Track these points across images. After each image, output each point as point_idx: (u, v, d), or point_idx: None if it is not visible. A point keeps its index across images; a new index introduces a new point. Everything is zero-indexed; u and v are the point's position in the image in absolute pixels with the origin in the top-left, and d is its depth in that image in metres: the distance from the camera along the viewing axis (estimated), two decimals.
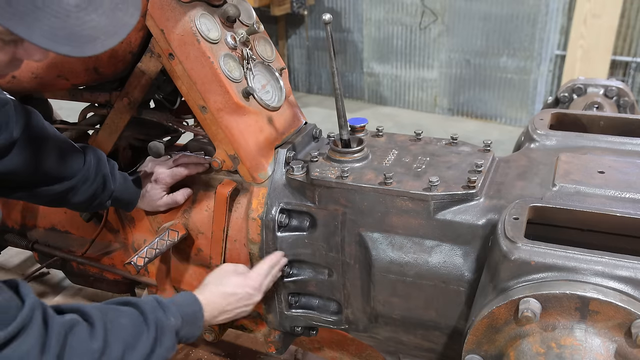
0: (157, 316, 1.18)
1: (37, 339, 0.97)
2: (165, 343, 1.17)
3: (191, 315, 1.28)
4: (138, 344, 1.12)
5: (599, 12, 5.12)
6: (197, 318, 1.30)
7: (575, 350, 1.09)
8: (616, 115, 1.85)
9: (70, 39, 0.87)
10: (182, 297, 1.32)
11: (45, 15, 0.83)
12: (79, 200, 1.54)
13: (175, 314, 1.23)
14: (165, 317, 1.19)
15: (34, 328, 0.97)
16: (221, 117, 1.53)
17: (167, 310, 1.21)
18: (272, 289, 1.64)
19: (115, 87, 1.71)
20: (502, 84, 5.93)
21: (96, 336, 1.06)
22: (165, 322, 1.18)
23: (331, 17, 1.37)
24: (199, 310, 1.31)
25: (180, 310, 1.25)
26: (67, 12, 0.85)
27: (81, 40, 0.88)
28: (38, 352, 0.97)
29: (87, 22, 0.88)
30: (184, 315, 1.25)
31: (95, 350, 1.05)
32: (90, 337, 1.05)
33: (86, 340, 1.05)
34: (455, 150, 1.59)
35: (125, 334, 1.11)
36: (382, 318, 1.56)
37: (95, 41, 0.90)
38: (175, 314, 1.23)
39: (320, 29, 6.66)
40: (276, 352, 1.82)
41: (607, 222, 1.27)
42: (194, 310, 1.30)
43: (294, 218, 1.57)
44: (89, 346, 1.05)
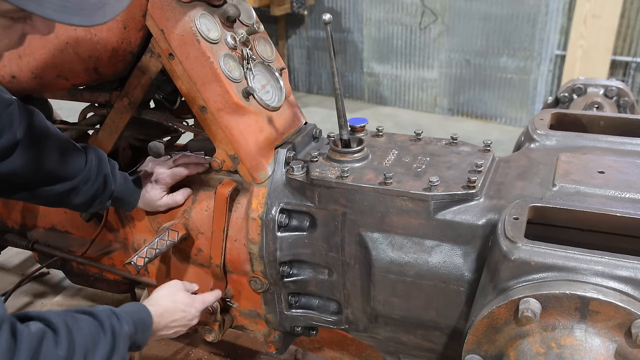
0: (112, 323, 1.21)
1: (4, 351, 0.97)
2: (120, 349, 1.21)
3: (142, 324, 1.31)
4: (97, 351, 1.15)
5: (599, 12, 5.11)
6: (147, 327, 1.34)
7: (575, 350, 1.09)
8: (616, 115, 1.85)
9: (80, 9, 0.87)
10: (133, 306, 1.35)
11: None
12: (80, 201, 1.54)
13: (128, 321, 1.26)
14: (119, 324, 1.22)
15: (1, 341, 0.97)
16: (221, 117, 1.53)
17: (121, 318, 1.24)
18: (272, 289, 1.64)
19: (115, 87, 1.71)
20: (502, 84, 5.93)
21: (61, 344, 1.08)
22: (120, 330, 1.22)
23: (331, 17, 1.37)
24: (149, 320, 1.35)
25: (132, 318, 1.28)
26: None
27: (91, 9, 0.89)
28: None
29: None
30: (136, 322, 1.29)
31: (61, 356, 1.07)
32: (56, 345, 1.07)
33: (52, 348, 1.06)
34: (455, 150, 1.59)
35: (86, 340, 1.14)
36: (382, 318, 1.56)
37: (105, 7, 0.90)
38: (129, 322, 1.26)
39: (320, 29, 6.66)
40: (276, 352, 1.82)
41: (607, 222, 1.27)
42: (144, 319, 1.34)
43: (294, 218, 1.57)
44: (55, 354, 1.07)
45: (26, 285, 2.71)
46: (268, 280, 1.62)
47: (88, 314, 1.20)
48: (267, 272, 1.60)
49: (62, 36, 1.48)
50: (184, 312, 1.47)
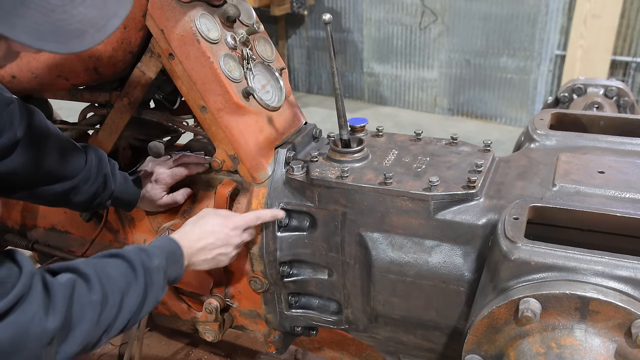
0: (142, 260, 1.21)
1: (39, 303, 0.99)
2: (155, 284, 1.22)
3: (170, 253, 1.30)
4: (131, 290, 1.17)
5: (599, 12, 5.12)
6: (177, 256, 1.32)
7: (575, 350, 1.09)
8: (616, 115, 1.85)
9: (56, 35, 0.83)
10: (159, 239, 1.34)
11: (29, 11, 0.80)
12: (80, 200, 1.54)
13: (158, 255, 1.25)
14: (149, 259, 1.23)
15: (34, 294, 0.99)
16: (221, 117, 1.53)
17: (150, 253, 1.24)
18: (272, 289, 1.64)
19: (115, 87, 1.71)
20: (502, 84, 5.93)
21: (94, 289, 1.10)
22: (151, 264, 1.22)
23: (331, 17, 1.37)
24: (177, 248, 1.32)
25: (160, 250, 1.28)
26: (52, 7, 0.82)
27: (68, 36, 0.84)
28: (44, 314, 0.99)
29: (74, 15, 0.84)
30: (165, 255, 1.28)
31: (96, 302, 1.10)
32: (89, 291, 1.09)
33: (87, 295, 1.09)
34: (455, 150, 1.59)
35: (118, 282, 1.15)
36: (382, 318, 1.56)
37: (84, 36, 0.86)
38: (158, 255, 1.25)
39: (320, 29, 6.67)
40: (276, 352, 1.82)
41: (607, 222, 1.27)
42: (172, 248, 1.32)
43: (294, 218, 1.57)
44: (91, 299, 1.09)
45: None
46: (268, 280, 1.62)
47: (116, 256, 1.21)
48: (267, 272, 1.60)
49: None
50: (214, 233, 1.40)
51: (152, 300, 1.22)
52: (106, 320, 1.12)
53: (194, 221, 1.43)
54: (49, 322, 1.00)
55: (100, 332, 1.12)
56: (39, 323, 0.98)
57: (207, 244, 1.40)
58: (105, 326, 1.13)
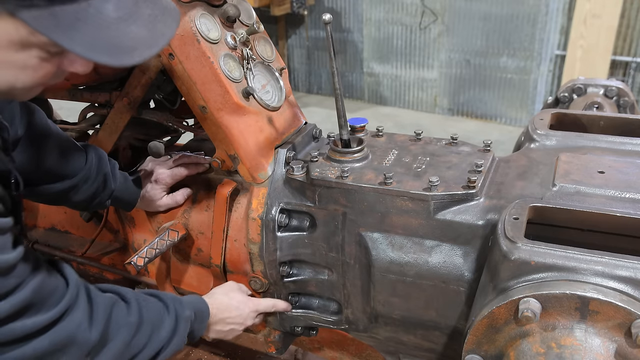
0: (175, 306, 1.30)
1: (84, 313, 1.09)
2: (181, 332, 1.30)
3: (200, 313, 1.39)
4: (162, 327, 1.25)
5: (599, 12, 5.12)
6: (205, 317, 1.41)
7: (575, 350, 1.09)
8: (616, 115, 1.85)
9: (110, 49, 0.88)
10: (193, 297, 1.43)
11: (87, 26, 0.85)
12: (80, 199, 1.54)
13: (190, 308, 1.35)
14: (182, 309, 1.31)
15: (80, 304, 1.09)
16: (221, 117, 1.53)
17: (183, 304, 1.33)
18: (272, 289, 1.64)
19: (115, 87, 1.71)
20: (502, 84, 5.93)
21: (132, 312, 1.20)
22: (182, 313, 1.31)
23: (331, 17, 1.37)
24: (206, 311, 1.42)
25: (193, 306, 1.37)
26: (108, 24, 0.87)
27: (121, 51, 0.90)
28: (87, 325, 1.09)
29: (127, 33, 0.89)
30: (196, 311, 1.37)
31: (132, 324, 1.19)
32: (128, 312, 1.19)
33: (125, 315, 1.18)
34: (455, 150, 1.59)
35: (153, 316, 1.24)
36: (382, 318, 1.56)
37: (134, 52, 0.91)
38: (190, 308, 1.34)
39: (320, 29, 6.67)
40: (276, 352, 1.82)
41: (607, 222, 1.27)
42: (202, 309, 1.41)
43: (294, 218, 1.57)
44: (128, 320, 1.18)
45: None
46: (268, 280, 1.62)
47: (154, 295, 1.31)
48: (267, 272, 1.60)
49: None
50: (238, 309, 1.51)
51: (174, 345, 1.29)
52: (136, 345, 1.19)
53: (224, 292, 1.53)
54: (93, 332, 1.10)
55: (129, 356, 1.19)
56: (84, 332, 1.09)
57: (229, 318, 1.50)
58: (134, 352, 1.20)
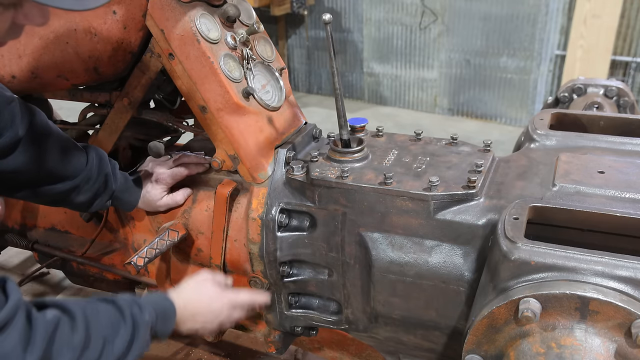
0: (132, 312, 1.20)
1: (20, 336, 0.97)
2: (140, 338, 1.20)
3: (164, 313, 1.30)
4: (116, 339, 1.15)
5: (599, 12, 5.11)
6: (169, 317, 1.31)
7: (575, 350, 1.09)
8: (616, 115, 1.85)
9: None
10: (157, 296, 1.34)
11: None
12: (81, 200, 1.54)
13: (150, 310, 1.24)
14: (140, 313, 1.21)
15: (16, 326, 0.97)
16: (221, 117, 1.53)
17: (142, 308, 1.23)
18: (272, 289, 1.64)
19: (115, 87, 1.71)
20: (502, 84, 5.92)
21: (78, 330, 1.07)
22: (140, 319, 1.21)
23: (331, 17, 1.37)
24: (171, 309, 1.32)
25: (154, 307, 1.27)
26: None
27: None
28: (21, 350, 0.97)
29: None
30: (158, 312, 1.27)
31: (77, 344, 1.06)
32: (72, 331, 1.07)
33: (69, 335, 1.06)
34: (455, 150, 1.59)
35: (104, 328, 1.13)
36: (382, 318, 1.56)
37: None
38: (150, 311, 1.24)
39: (320, 29, 6.66)
40: (276, 352, 1.82)
41: (607, 222, 1.27)
42: (167, 308, 1.31)
43: (294, 218, 1.57)
44: (71, 340, 1.06)
45: (26, 285, 2.71)
46: (268, 280, 1.62)
47: (109, 302, 1.20)
48: (267, 272, 1.60)
49: (62, 36, 1.48)
50: (208, 305, 1.41)
51: (135, 353, 1.19)
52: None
53: (194, 285, 1.42)
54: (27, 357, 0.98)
55: None
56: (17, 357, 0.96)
57: (198, 314, 1.39)
58: None
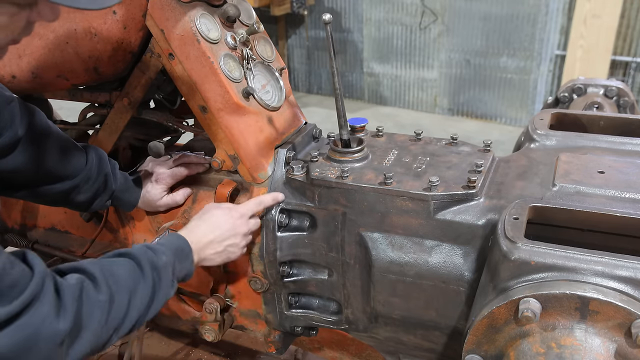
0: (149, 258, 1.21)
1: (51, 304, 1.00)
2: (164, 282, 1.22)
3: (179, 250, 1.30)
4: (139, 288, 1.17)
5: (599, 12, 5.12)
6: (186, 252, 1.32)
7: (575, 350, 1.09)
8: (616, 115, 1.85)
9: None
10: (169, 236, 1.35)
11: None
12: (81, 200, 1.54)
13: (165, 252, 1.25)
14: (156, 257, 1.22)
15: (46, 295, 1.00)
16: (221, 117, 1.53)
17: (157, 251, 1.24)
18: (272, 289, 1.64)
19: (115, 87, 1.71)
20: (502, 84, 5.93)
21: (102, 289, 1.10)
22: (158, 262, 1.22)
23: (331, 17, 1.37)
24: (185, 244, 1.32)
25: (168, 247, 1.27)
26: None
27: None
28: (54, 317, 1.00)
29: None
30: (173, 250, 1.28)
31: (104, 302, 1.10)
32: (96, 291, 1.09)
33: (94, 294, 1.09)
34: (455, 150, 1.59)
35: (125, 280, 1.15)
36: (382, 318, 1.56)
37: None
38: (166, 252, 1.25)
39: (320, 29, 6.67)
40: (276, 352, 1.82)
41: (607, 222, 1.27)
42: (180, 244, 1.31)
43: (294, 218, 1.57)
44: (98, 299, 1.09)
45: None
46: (268, 280, 1.62)
47: (123, 255, 1.21)
48: (267, 272, 1.60)
49: (62, 36, 1.48)
50: (221, 225, 1.40)
51: (161, 298, 1.22)
52: (115, 320, 1.13)
53: (198, 217, 1.44)
54: (60, 323, 1.01)
55: (110, 332, 1.13)
56: (51, 325, 0.99)
57: (215, 237, 1.39)
58: (114, 326, 1.13)
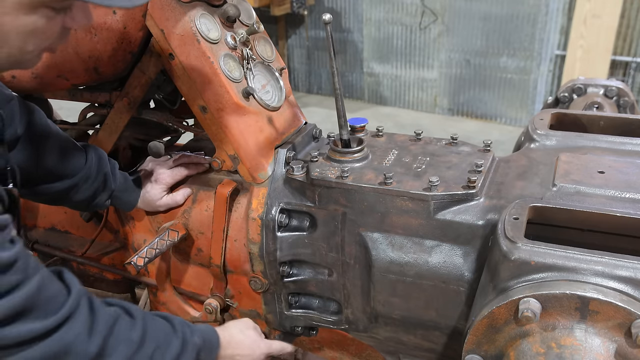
0: (184, 330, 1.25)
1: (84, 323, 1.04)
2: (188, 356, 1.23)
3: (209, 343, 1.33)
4: (167, 348, 1.19)
5: (599, 12, 5.12)
6: (214, 348, 1.35)
7: (575, 350, 1.09)
8: (616, 115, 1.85)
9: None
10: (204, 326, 1.38)
11: None
12: (80, 199, 1.54)
13: (199, 335, 1.28)
14: (190, 334, 1.26)
15: (81, 314, 1.04)
16: (221, 117, 1.53)
17: (193, 330, 1.28)
18: (272, 289, 1.64)
19: (115, 87, 1.71)
20: (502, 84, 5.93)
21: (136, 329, 1.13)
22: (190, 339, 1.25)
23: (331, 17, 1.37)
24: (216, 342, 1.36)
25: (202, 334, 1.31)
26: None
27: None
28: (86, 335, 1.03)
29: None
30: (205, 339, 1.31)
31: (134, 341, 1.12)
32: (130, 329, 1.13)
33: (128, 330, 1.12)
34: (455, 150, 1.59)
35: (158, 335, 1.19)
36: (382, 318, 1.56)
37: None
38: (199, 335, 1.28)
39: (320, 29, 6.67)
40: None
41: (607, 222, 1.27)
42: (212, 339, 1.35)
43: (294, 218, 1.57)
44: (130, 336, 1.12)
45: None
46: (268, 280, 1.62)
47: (164, 317, 1.25)
48: (267, 272, 1.60)
49: None
50: (250, 348, 1.46)
51: None
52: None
53: (239, 328, 1.48)
54: (91, 345, 1.04)
55: None
56: (82, 344, 1.02)
57: (239, 355, 1.43)
58: None
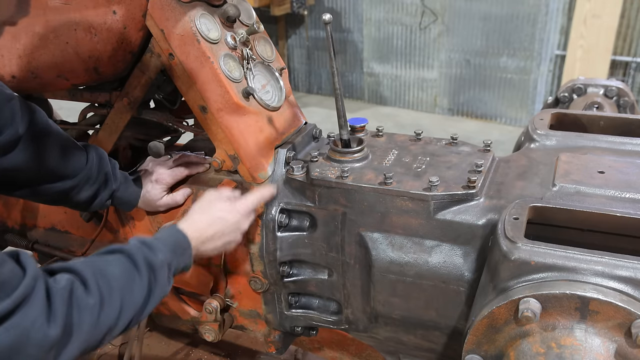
0: (144, 255, 1.18)
1: (41, 307, 0.97)
2: (160, 280, 1.19)
3: (176, 245, 1.27)
4: (134, 288, 1.14)
5: (599, 12, 5.12)
6: (184, 247, 1.29)
7: (575, 350, 1.09)
8: (616, 115, 1.85)
9: None
10: (164, 230, 1.31)
11: None
12: (81, 199, 1.54)
13: (161, 248, 1.22)
14: (152, 254, 1.19)
15: (37, 297, 0.97)
16: (221, 117, 1.53)
17: (153, 248, 1.21)
18: (272, 289, 1.64)
19: (115, 87, 1.71)
20: (502, 84, 5.93)
21: (92, 292, 1.07)
22: (154, 260, 1.19)
23: (331, 17, 1.37)
24: (183, 239, 1.30)
25: (165, 243, 1.24)
26: None
27: None
28: (44, 320, 0.97)
29: None
30: (171, 247, 1.25)
31: (94, 305, 1.06)
32: (87, 294, 1.06)
33: (85, 298, 1.05)
34: (455, 150, 1.59)
35: (119, 280, 1.12)
36: (382, 318, 1.56)
37: None
38: (162, 249, 1.22)
39: (320, 29, 6.67)
40: (276, 352, 1.82)
41: (607, 222, 1.27)
42: (178, 239, 1.29)
43: (294, 218, 1.57)
44: (88, 302, 1.05)
45: None
46: (268, 280, 1.62)
47: (118, 252, 1.17)
48: (267, 272, 1.60)
49: (62, 36, 1.48)
50: (223, 219, 1.37)
51: (157, 295, 1.19)
52: (106, 322, 1.09)
53: (201, 208, 1.41)
54: (51, 329, 0.98)
55: (101, 334, 1.10)
56: (41, 329, 0.96)
57: (217, 232, 1.37)
58: (106, 328, 1.10)
